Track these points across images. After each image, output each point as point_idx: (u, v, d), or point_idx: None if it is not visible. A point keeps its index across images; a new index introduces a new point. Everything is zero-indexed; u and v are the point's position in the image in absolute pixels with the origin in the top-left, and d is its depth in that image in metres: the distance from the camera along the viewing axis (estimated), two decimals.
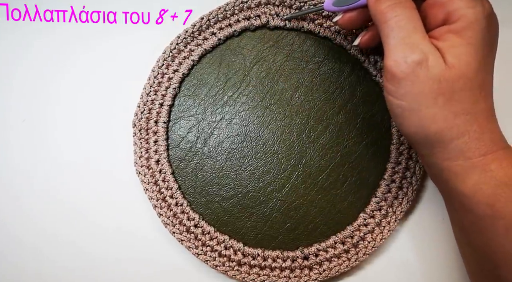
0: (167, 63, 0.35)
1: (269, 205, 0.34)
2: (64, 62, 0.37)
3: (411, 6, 0.25)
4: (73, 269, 0.35)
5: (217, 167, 0.34)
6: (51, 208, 0.36)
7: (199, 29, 0.35)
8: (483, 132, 0.25)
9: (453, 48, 0.24)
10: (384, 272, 0.34)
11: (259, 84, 0.35)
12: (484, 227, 0.25)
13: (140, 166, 0.34)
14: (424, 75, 0.24)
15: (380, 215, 0.33)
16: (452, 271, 0.34)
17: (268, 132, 0.35)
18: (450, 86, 0.24)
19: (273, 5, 0.35)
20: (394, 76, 0.25)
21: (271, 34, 0.35)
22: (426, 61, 0.24)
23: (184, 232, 0.33)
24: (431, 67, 0.24)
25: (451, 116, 0.25)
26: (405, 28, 0.25)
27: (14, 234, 0.36)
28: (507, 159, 0.25)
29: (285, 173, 0.34)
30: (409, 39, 0.25)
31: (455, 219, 0.29)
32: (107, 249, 0.35)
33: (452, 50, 0.24)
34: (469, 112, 0.25)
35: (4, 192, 0.36)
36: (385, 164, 0.34)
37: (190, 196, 0.34)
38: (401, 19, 0.25)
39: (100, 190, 0.36)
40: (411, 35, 0.25)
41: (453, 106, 0.24)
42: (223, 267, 0.33)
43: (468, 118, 0.25)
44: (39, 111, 0.37)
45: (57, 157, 0.36)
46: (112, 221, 0.35)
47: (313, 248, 0.33)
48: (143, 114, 0.35)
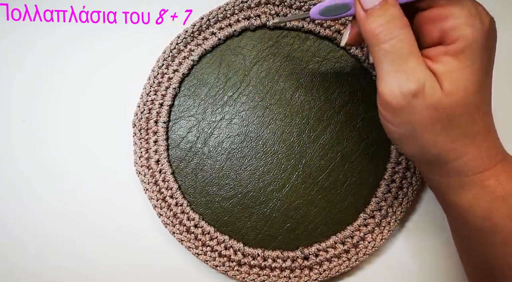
0: (167, 63, 0.35)
1: (269, 205, 0.34)
2: (64, 62, 0.37)
3: (406, 25, 0.23)
4: (73, 269, 0.35)
5: (217, 167, 0.34)
6: (51, 208, 0.36)
7: (199, 29, 0.35)
8: (480, 151, 0.24)
9: (451, 73, 0.23)
10: (384, 272, 0.34)
11: (259, 84, 0.35)
12: (481, 240, 0.25)
13: (140, 166, 0.34)
14: (420, 105, 0.23)
15: (380, 215, 0.33)
16: (452, 271, 0.34)
17: (268, 132, 0.34)
18: (448, 113, 0.23)
19: (273, 5, 0.35)
20: (389, 105, 0.24)
21: (271, 34, 0.35)
22: (422, 90, 0.22)
23: (184, 232, 0.33)
24: (427, 96, 0.23)
25: (449, 140, 0.24)
26: (400, 53, 0.22)
27: (14, 234, 0.36)
28: (504, 173, 0.24)
29: (285, 173, 0.34)
30: (405, 66, 0.23)
31: (454, 229, 0.29)
32: (107, 249, 0.35)
33: (449, 75, 0.23)
34: (467, 135, 0.24)
35: (4, 192, 0.36)
36: (385, 164, 0.34)
37: (190, 196, 0.34)
38: (395, 42, 0.22)
39: (100, 190, 0.36)
40: (406, 61, 0.23)
41: (452, 131, 0.24)
42: (223, 267, 0.33)
43: (466, 141, 0.24)
44: (39, 111, 0.37)
45: (57, 157, 0.36)
46: (112, 221, 0.35)
47: (313, 248, 0.33)
48: (143, 114, 0.35)
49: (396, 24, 0.23)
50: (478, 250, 0.26)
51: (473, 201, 0.25)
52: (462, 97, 0.23)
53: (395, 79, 0.23)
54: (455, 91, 0.23)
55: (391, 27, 0.23)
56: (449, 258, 0.34)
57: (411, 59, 0.23)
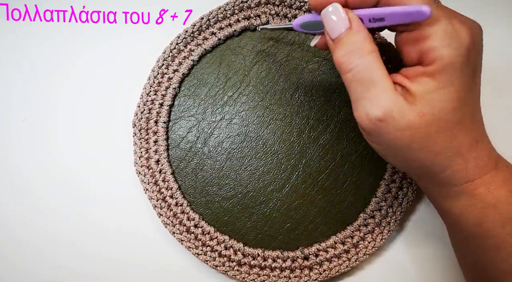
0: (167, 63, 0.35)
1: (269, 205, 0.34)
2: (64, 62, 0.37)
3: (370, 51, 0.23)
4: (73, 269, 0.35)
5: (217, 167, 0.34)
6: (51, 208, 0.36)
7: (199, 29, 0.35)
8: (468, 162, 0.24)
9: (427, 94, 0.23)
10: (384, 272, 0.34)
11: (259, 84, 0.35)
12: (475, 245, 0.26)
13: (140, 166, 0.34)
14: (390, 128, 0.23)
15: (380, 215, 0.33)
16: (451, 271, 0.34)
17: (268, 132, 0.34)
18: (424, 132, 0.23)
19: (273, 5, 0.35)
20: (362, 129, 0.24)
21: (271, 34, 0.35)
22: (389, 115, 0.23)
23: (184, 232, 0.33)
24: (397, 120, 0.23)
25: (431, 156, 0.24)
26: (363, 81, 0.23)
27: (14, 234, 0.36)
28: (494, 182, 0.24)
29: (285, 173, 0.34)
30: (368, 94, 0.23)
31: (449, 234, 0.29)
32: (107, 249, 0.35)
33: (425, 96, 0.23)
34: (450, 149, 0.24)
35: (4, 192, 0.36)
36: (385, 164, 0.34)
37: (190, 196, 0.34)
38: (358, 71, 0.23)
39: (100, 190, 0.36)
40: (369, 89, 0.23)
41: (431, 147, 0.23)
42: (223, 267, 0.33)
43: (450, 154, 0.24)
44: (39, 111, 0.37)
45: (57, 156, 0.36)
46: (112, 221, 0.35)
47: (313, 248, 0.33)
48: (143, 114, 0.35)
49: (357, 54, 0.23)
50: (473, 255, 0.26)
51: (464, 208, 0.25)
52: (438, 117, 0.23)
53: (361, 106, 0.23)
54: (430, 112, 0.23)
55: (351, 57, 0.23)
56: (449, 258, 0.34)
57: (375, 88, 0.23)
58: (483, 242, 0.25)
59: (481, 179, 0.24)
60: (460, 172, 0.24)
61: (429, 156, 0.24)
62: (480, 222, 0.25)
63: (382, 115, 0.23)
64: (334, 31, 0.24)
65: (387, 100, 0.23)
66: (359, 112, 0.24)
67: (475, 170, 0.24)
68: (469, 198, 0.25)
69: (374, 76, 0.23)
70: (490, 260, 0.25)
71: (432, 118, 0.23)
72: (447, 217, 0.27)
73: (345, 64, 0.23)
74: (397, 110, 0.23)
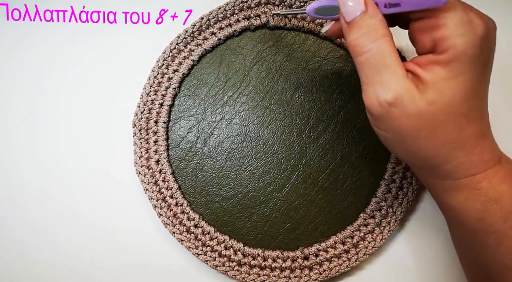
0: (167, 63, 0.35)
1: (269, 205, 0.34)
2: (64, 62, 0.37)
3: (383, 35, 0.23)
4: (73, 269, 0.35)
5: (217, 167, 0.34)
6: (51, 208, 0.36)
7: (199, 29, 0.35)
8: (471, 155, 0.24)
9: (438, 82, 0.23)
10: (384, 272, 0.34)
11: (259, 84, 0.35)
12: (476, 240, 0.26)
13: (140, 166, 0.34)
14: (400, 114, 0.23)
15: (380, 215, 0.33)
16: (452, 271, 0.34)
17: (268, 132, 0.34)
18: (432, 120, 0.23)
19: (273, 5, 0.35)
20: (371, 113, 0.24)
21: (271, 34, 0.35)
22: (400, 100, 0.23)
23: (184, 232, 0.33)
24: (406, 106, 0.23)
25: (436, 146, 0.24)
26: (376, 65, 0.23)
27: (14, 234, 0.36)
28: (497, 177, 0.24)
29: (285, 173, 0.34)
30: (380, 78, 0.23)
31: (450, 230, 0.29)
32: (107, 249, 0.35)
33: (436, 85, 0.23)
34: (455, 141, 0.24)
35: (4, 192, 0.36)
36: (385, 164, 0.34)
37: (190, 196, 0.34)
38: (371, 55, 0.23)
39: (100, 190, 0.36)
40: (382, 73, 0.23)
41: (437, 137, 0.24)
42: (223, 267, 0.33)
43: (454, 146, 0.24)
44: (39, 111, 0.37)
45: (57, 157, 0.36)
46: (112, 221, 0.35)
47: (313, 248, 0.33)
48: (143, 114, 0.35)
49: (370, 37, 0.23)
50: (474, 250, 0.26)
51: (466, 202, 0.25)
52: (447, 106, 0.23)
53: (372, 90, 0.23)
54: (439, 101, 0.23)
55: (365, 41, 0.23)
56: (449, 258, 0.34)
57: (387, 72, 0.23)
58: (485, 237, 0.25)
59: (484, 173, 0.24)
60: (463, 164, 0.24)
61: (434, 146, 0.24)
62: (481, 217, 0.24)
63: (392, 99, 0.23)
64: (349, 14, 0.24)
65: (399, 85, 0.23)
66: (370, 97, 0.24)
67: (479, 163, 0.24)
68: (471, 192, 0.25)
69: (386, 61, 0.23)
70: (491, 255, 0.25)
71: (441, 107, 0.23)
72: (448, 211, 0.27)
73: (359, 47, 0.23)
74: (408, 96, 0.23)
